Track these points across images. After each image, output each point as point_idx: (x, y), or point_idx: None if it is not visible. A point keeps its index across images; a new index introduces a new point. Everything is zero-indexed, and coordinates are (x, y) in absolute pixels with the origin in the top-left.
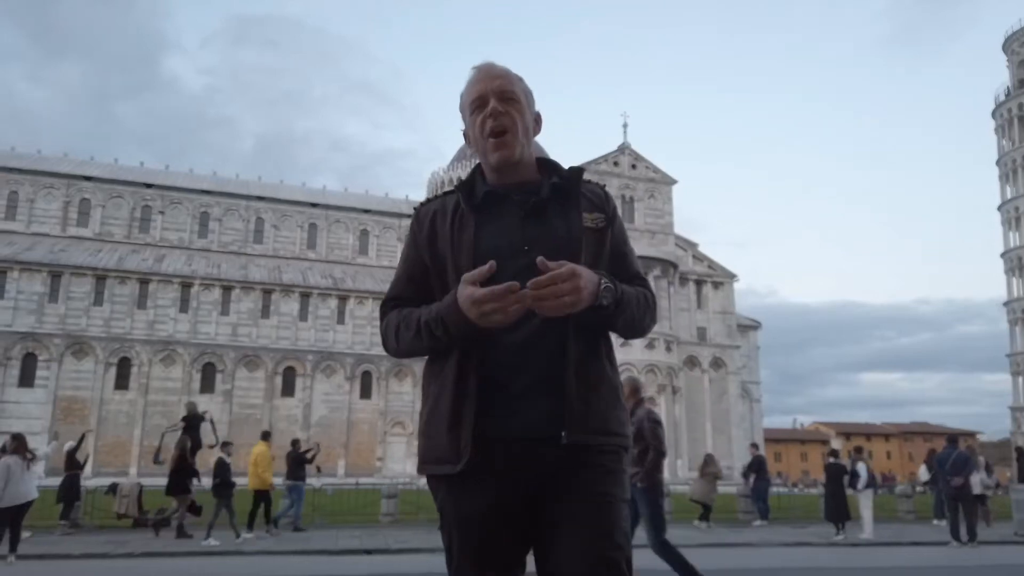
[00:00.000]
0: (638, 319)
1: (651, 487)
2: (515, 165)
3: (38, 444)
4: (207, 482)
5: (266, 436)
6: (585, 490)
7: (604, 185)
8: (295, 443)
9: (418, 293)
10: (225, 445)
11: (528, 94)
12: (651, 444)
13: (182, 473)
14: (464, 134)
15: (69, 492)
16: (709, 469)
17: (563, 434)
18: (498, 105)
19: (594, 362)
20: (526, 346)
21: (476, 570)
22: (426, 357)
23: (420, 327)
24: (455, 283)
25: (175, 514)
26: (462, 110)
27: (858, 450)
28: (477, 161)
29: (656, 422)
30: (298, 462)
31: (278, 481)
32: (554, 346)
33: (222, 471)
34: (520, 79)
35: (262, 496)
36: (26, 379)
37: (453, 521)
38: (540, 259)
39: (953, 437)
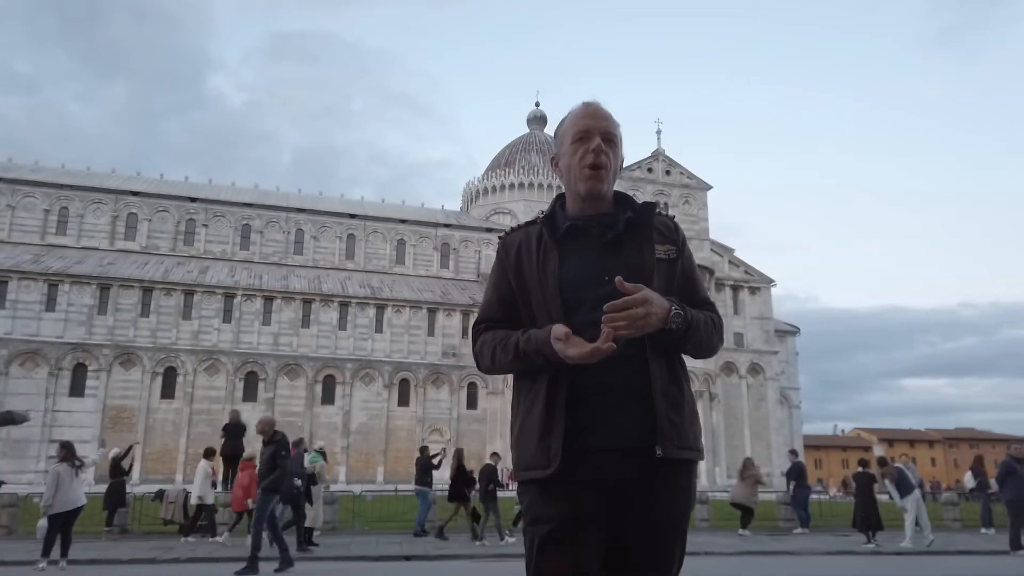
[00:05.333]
0: (706, 341)
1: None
2: (600, 198)
3: (88, 452)
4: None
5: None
6: (666, 505)
7: (674, 217)
8: (423, 450)
9: (507, 315)
10: (493, 454)
11: (621, 140)
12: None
13: (460, 480)
14: (552, 159)
15: (114, 499)
16: (749, 472)
17: (657, 448)
18: (602, 144)
19: (674, 381)
20: (611, 366)
21: (551, 572)
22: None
23: (519, 353)
24: (541, 309)
25: (451, 520)
26: (560, 137)
27: (881, 462)
28: (518, 181)
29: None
30: (425, 468)
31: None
32: (636, 365)
33: (492, 477)
34: (619, 124)
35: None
36: (76, 389)
37: (538, 524)
38: (618, 279)
39: (1012, 444)
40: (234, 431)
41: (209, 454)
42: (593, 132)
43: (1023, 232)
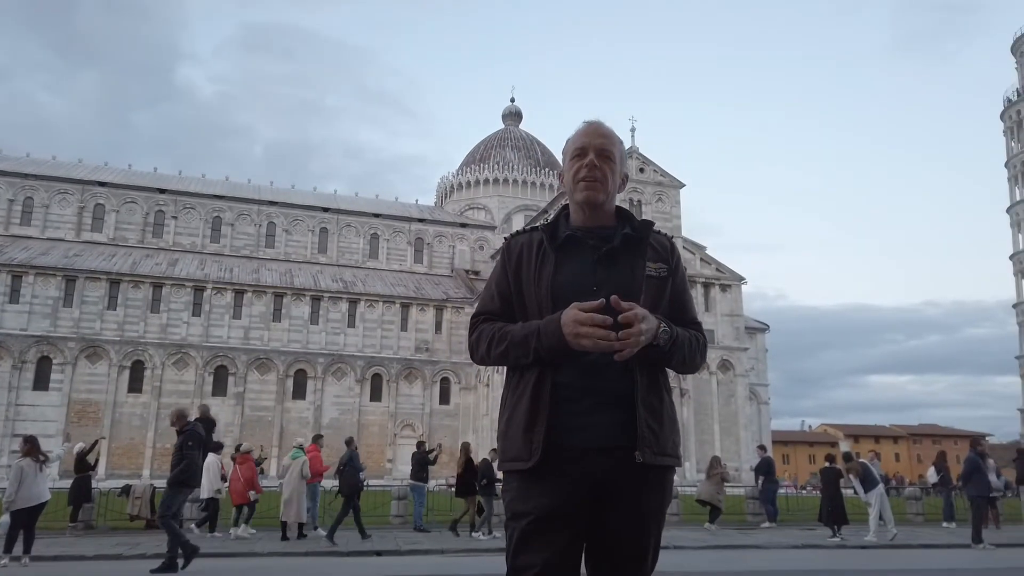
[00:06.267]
0: (690, 359)
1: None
2: (597, 207)
3: (52, 446)
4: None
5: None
6: (641, 505)
7: (672, 237)
8: (420, 445)
9: (504, 310)
10: (493, 450)
11: (623, 157)
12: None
13: (469, 475)
14: (559, 175)
15: (79, 494)
16: (715, 471)
17: (637, 454)
18: (595, 159)
19: (655, 391)
20: (595, 369)
21: (530, 565)
22: (479, 367)
23: (512, 341)
24: (533, 309)
25: (464, 515)
26: (564, 155)
27: (846, 457)
28: (492, 176)
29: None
30: (421, 464)
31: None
32: (619, 372)
33: (489, 472)
34: (620, 142)
35: None
36: (41, 382)
37: (518, 518)
38: (614, 297)
39: (976, 441)
40: (205, 426)
41: (215, 448)
42: (588, 149)
43: (986, 233)
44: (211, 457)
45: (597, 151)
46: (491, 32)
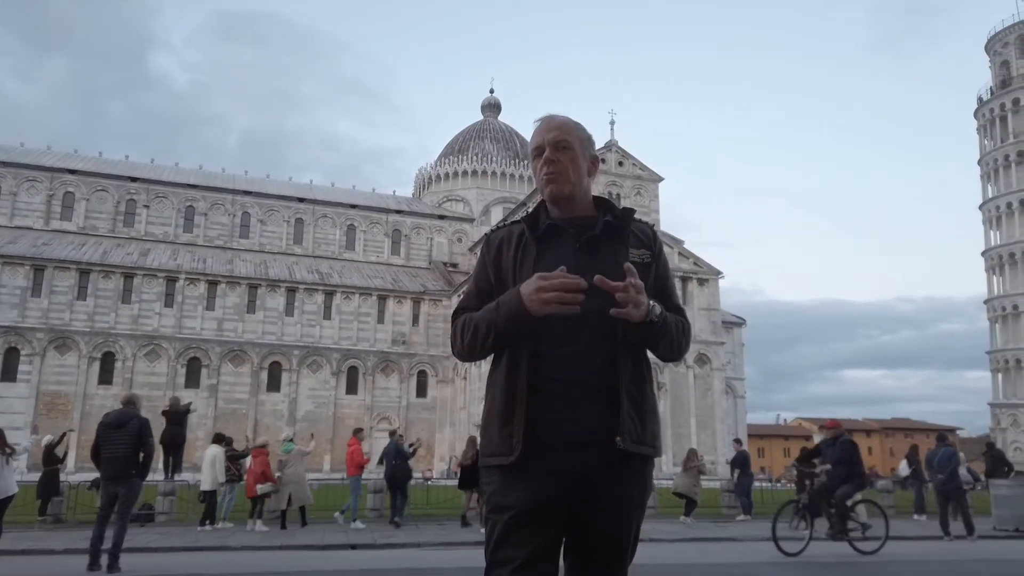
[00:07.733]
0: (676, 343)
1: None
2: (568, 200)
3: (20, 439)
4: (189, 476)
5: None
6: (622, 497)
7: (653, 225)
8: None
9: (482, 306)
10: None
11: (583, 141)
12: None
13: (476, 469)
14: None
15: (47, 487)
16: (692, 463)
17: (617, 439)
18: (551, 155)
19: (636, 382)
20: (576, 360)
21: (511, 559)
22: (456, 360)
23: (476, 322)
24: None
25: (470, 508)
26: (529, 155)
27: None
28: (471, 168)
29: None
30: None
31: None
32: (602, 362)
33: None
34: (577, 128)
35: None
36: (8, 373)
37: (498, 512)
38: (598, 277)
39: (942, 435)
40: (174, 418)
41: (219, 440)
42: (544, 145)
43: (958, 229)
44: (215, 449)
45: (552, 144)
46: (471, 22)
